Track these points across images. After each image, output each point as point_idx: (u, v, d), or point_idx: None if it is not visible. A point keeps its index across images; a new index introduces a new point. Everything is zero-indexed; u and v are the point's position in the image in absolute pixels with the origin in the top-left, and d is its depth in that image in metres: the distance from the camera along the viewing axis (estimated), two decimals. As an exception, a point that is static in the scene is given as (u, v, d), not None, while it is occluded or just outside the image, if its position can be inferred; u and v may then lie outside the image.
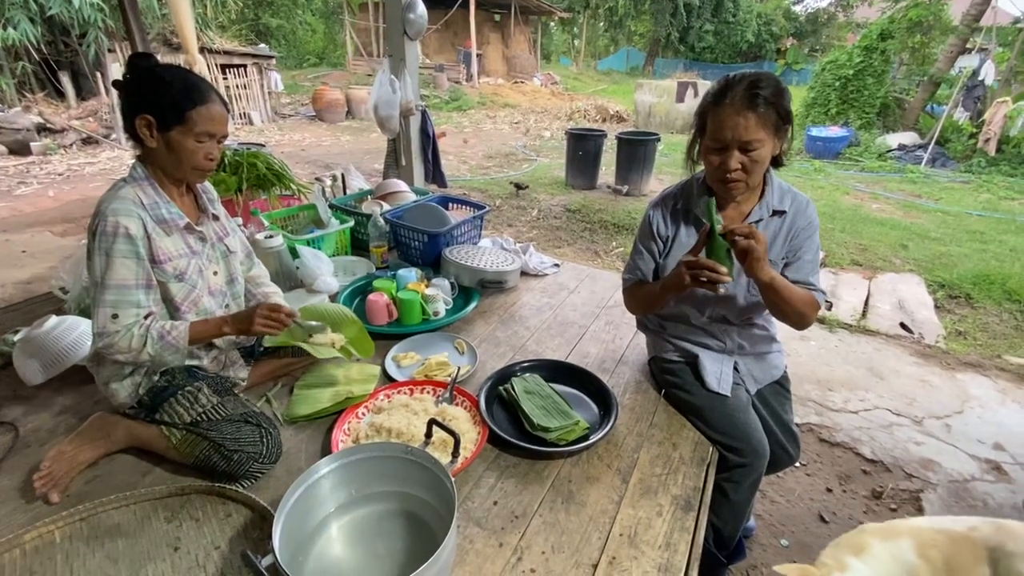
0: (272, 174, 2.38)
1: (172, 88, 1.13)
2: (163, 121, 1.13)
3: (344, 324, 1.48)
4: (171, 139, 1.14)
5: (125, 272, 1.12)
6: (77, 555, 0.99)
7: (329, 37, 19.52)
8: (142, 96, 1.13)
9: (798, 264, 1.31)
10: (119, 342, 1.12)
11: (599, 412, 1.39)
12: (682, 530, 1.08)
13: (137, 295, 1.14)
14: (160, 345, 1.15)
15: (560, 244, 4.56)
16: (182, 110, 1.13)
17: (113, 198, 1.13)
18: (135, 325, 1.14)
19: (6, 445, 1.27)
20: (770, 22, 23.39)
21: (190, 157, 1.17)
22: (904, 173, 7.40)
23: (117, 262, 1.11)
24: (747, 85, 1.14)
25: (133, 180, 1.18)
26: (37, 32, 7.70)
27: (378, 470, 1.04)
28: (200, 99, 1.14)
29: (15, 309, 1.94)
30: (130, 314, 1.13)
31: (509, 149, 8.61)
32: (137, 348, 1.13)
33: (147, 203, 1.16)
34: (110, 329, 1.12)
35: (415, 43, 3.52)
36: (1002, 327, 3.30)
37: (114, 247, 1.10)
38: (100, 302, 1.12)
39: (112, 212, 1.10)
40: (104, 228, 1.10)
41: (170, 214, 1.20)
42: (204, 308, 1.27)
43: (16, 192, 5.53)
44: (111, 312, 1.12)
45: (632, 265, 1.46)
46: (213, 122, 1.17)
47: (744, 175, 1.20)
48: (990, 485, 2.04)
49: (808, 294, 1.28)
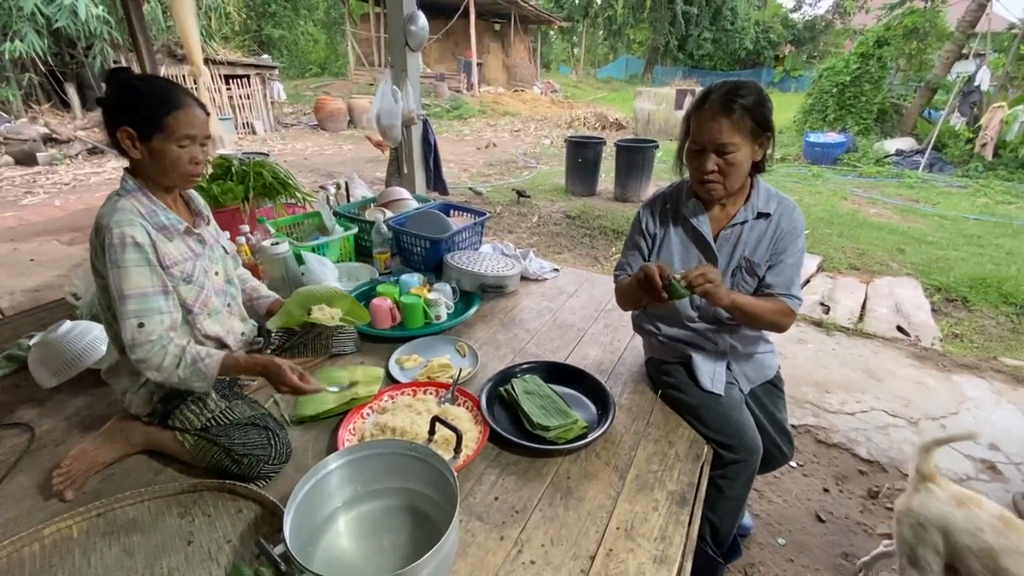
0: (278, 182, 2.43)
1: (147, 97, 1.13)
2: (143, 131, 1.14)
3: (337, 300, 1.59)
4: (154, 148, 1.15)
5: (140, 280, 1.13)
6: (94, 549, 1.02)
7: (331, 47, 19.74)
8: (120, 109, 1.14)
9: (780, 268, 1.36)
10: (152, 357, 1.13)
11: (597, 412, 1.43)
12: (677, 524, 1.11)
13: (157, 301, 1.15)
14: (191, 370, 1.16)
15: (560, 250, 4.61)
16: (159, 117, 1.13)
17: (112, 211, 1.13)
18: (168, 342, 1.15)
19: (23, 446, 1.31)
20: (768, 29, 23.60)
21: (175, 163, 1.18)
22: (901, 178, 7.46)
23: (131, 271, 1.12)
24: (725, 92, 1.21)
25: (127, 192, 1.18)
26: (43, 44, 7.82)
27: (383, 466, 1.07)
28: (175, 104, 1.15)
29: (29, 315, 1.99)
30: (155, 321, 1.14)
31: (510, 156, 8.69)
32: (169, 368, 1.15)
33: (145, 212, 1.17)
34: (141, 339, 1.13)
35: (416, 53, 3.59)
36: (998, 330, 3.33)
37: (125, 257, 1.12)
38: (123, 314, 1.12)
39: (116, 224, 1.11)
40: (111, 241, 1.11)
41: (168, 220, 1.21)
42: (213, 308, 1.29)
43: (23, 202, 5.61)
44: (136, 322, 1.12)
45: (623, 262, 1.52)
46: (192, 125, 1.17)
47: (720, 177, 1.27)
48: (985, 484, 2.07)
49: (776, 305, 1.34)
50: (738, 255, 1.38)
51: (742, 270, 1.38)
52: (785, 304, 1.35)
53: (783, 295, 1.35)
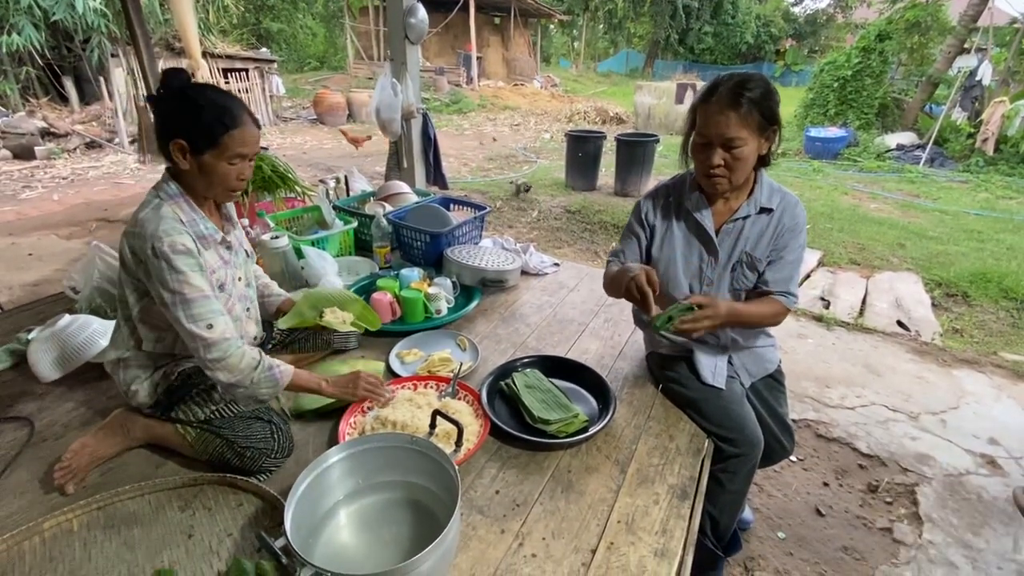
0: (277, 176, 2.42)
1: (206, 112, 1.11)
2: (196, 146, 1.12)
3: (348, 304, 1.59)
4: (204, 162, 1.14)
5: (200, 283, 1.12)
6: (95, 542, 1.02)
7: (330, 41, 19.62)
8: (176, 120, 1.12)
9: (779, 264, 1.35)
10: (230, 357, 1.13)
11: (598, 406, 1.43)
12: (678, 517, 1.11)
13: (217, 304, 1.15)
14: (266, 375, 1.17)
15: (560, 245, 4.60)
16: (216, 135, 1.12)
17: (157, 218, 1.11)
18: (242, 343, 1.16)
19: (22, 439, 1.31)
20: (769, 23, 23.46)
21: (223, 179, 1.17)
22: (902, 173, 7.44)
23: (190, 275, 1.11)
24: (733, 85, 1.19)
25: (169, 198, 1.16)
26: (41, 38, 7.76)
27: (384, 459, 1.07)
28: (233, 123, 1.13)
29: (28, 309, 1.99)
30: (222, 322, 1.14)
31: (509, 151, 8.66)
32: (246, 370, 1.15)
33: (186, 220, 1.16)
34: (214, 339, 1.12)
35: (416, 47, 3.57)
36: (998, 324, 3.33)
37: (183, 262, 1.10)
38: (188, 318, 1.11)
39: (165, 233, 1.09)
40: (162, 249, 1.09)
41: (207, 229, 1.20)
42: (236, 315, 1.29)
43: (21, 196, 5.59)
44: (205, 324, 1.12)
45: (617, 249, 1.52)
46: (246, 144, 1.16)
47: (727, 172, 1.25)
48: (984, 479, 2.07)
49: (772, 307, 1.35)
50: (739, 250, 1.37)
51: (742, 264, 1.38)
52: (780, 303, 1.35)
53: (780, 293, 1.35)
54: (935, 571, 1.69)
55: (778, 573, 1.68)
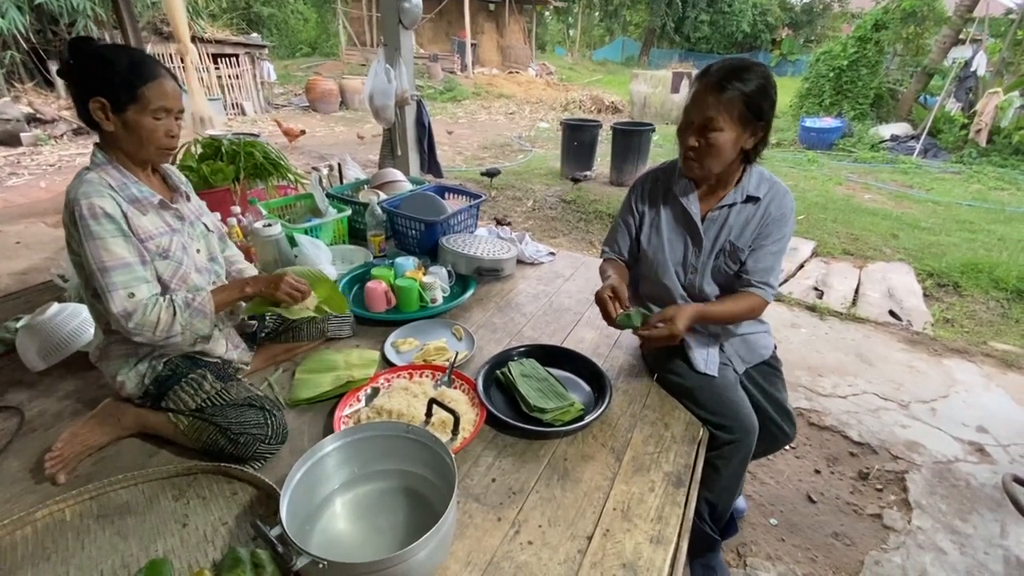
0: (269, 163, 2.39)
1: (119, 67, 1.10)
2: (116, 102, 1.11)
3: (317, 284, 1.49)
4: (128, 119, 1.13)
5: (120, 250, 1.11)
6: (88, 532, 1.02)
7: (322, 26, 19.28)
8: (91, 79, 1.11)
9: (760, 254, 1.35)
10: (148, 317, 1.12)
11: (594, 394, 1.43)
12: (673, 504, 1.12)
13: (142, 270, 1.14)
14: (189, 312, 1.17)
15: (555, 234, 4.59)
16: (134, 88, 1.11)
17: (80, 184, 1.11)
18: (156, 300, 1.15)
19: (12, 429, 1.29)
20: (765, 12, 23.30)
21: (150, 135, 1.15)
22: (896, 164, 7.46)
23: (110, 242, 1.10)
24: (725, 70, 1.19)
25: (96, 166, 1.16)
26: (25, 21, 7.57)
27: (380, 448, 1.07)
28: (150, 75, 1.12)
29: (16, 297, 1.96)
30: (144, 290, 1.13)
31: (504, 140, 8.59)
32: (167, 320, 1.14)
33: (115, 184, 1.15)
34: (132, 307, 1.12)
35: (410, 32, 3.52)
36: (988, 314, 3.37)
37: (100, 228, 1.09)
38: (109, 287, 1.10)
39: (83, 196, 1.08)
40: (81, 213, 1.08)
41: (141, 192, 1.18)
42: (194, 284, 1.27)
43: (7, 183, 5.49)
44: (125, 292, 1.11)
45: (610, 238, 1.53)
46: (167, 97, 1.15)
47: (698, 156, 1.25)
48: (973, 466, 2.10)
49: (747, 302, 1.34)
50: (723, 238, 1.37)
51: (725, 254, 1.38)
52: (757, 296, 1.34)
53: (757, 283, 1.34)
54: (924, 556, 1.72)
55: (770, 559, 1.71)
